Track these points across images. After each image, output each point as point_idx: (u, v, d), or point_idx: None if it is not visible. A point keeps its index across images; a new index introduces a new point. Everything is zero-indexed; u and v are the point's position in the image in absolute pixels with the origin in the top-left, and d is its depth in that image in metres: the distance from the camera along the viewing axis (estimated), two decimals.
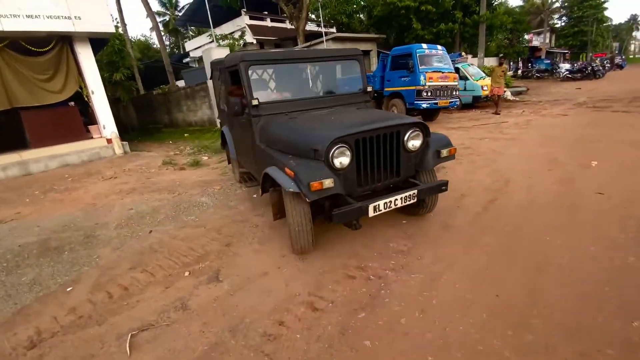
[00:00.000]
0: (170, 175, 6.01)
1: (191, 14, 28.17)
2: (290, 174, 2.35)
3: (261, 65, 3.46)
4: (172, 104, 12.96)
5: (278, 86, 3.82)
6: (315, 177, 2.24)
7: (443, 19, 14.62)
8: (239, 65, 3.13)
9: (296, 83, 3.84)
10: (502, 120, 8.73)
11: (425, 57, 8.61)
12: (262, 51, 4.05)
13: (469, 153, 5.71)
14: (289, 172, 2.38)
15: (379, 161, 2.58)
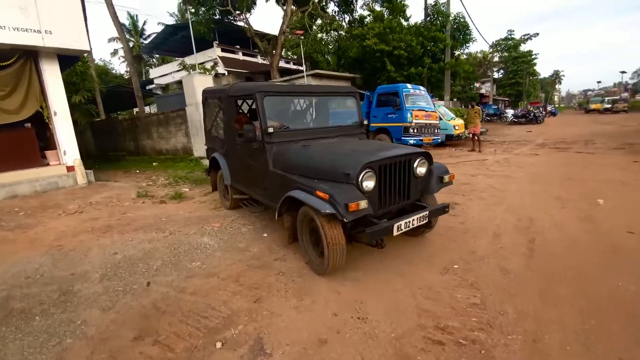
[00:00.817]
0: (151, 210, 5.22)
1: (159, 42, 27.52)
2: (325, 196, 2.45)
3: (274, 96, 3.55)
4: (140, 130, 11.97)
5: (288, 116, 3.97)
6: (351, 198, 2.40)
7: (413, 64, 15.65)
8: (255, 95, 3.31)
9: (303, 114, 4.13)
10: (482, 158, 9.12)
11: (410, 96, 8.92)
12: (272, 83, 4.60)
13: (471, 189, 5.70)
14: (322, 194, 2.48)
15: (394, 185, 2.84)
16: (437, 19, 15.70)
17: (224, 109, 4.21)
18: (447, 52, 15.42)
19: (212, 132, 4.84)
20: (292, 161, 3.13)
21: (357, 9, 20.45)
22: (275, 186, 3.27)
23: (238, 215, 4.62)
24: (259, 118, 3.32)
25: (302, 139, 3.47)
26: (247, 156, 3.78)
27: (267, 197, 3.53)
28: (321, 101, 4.14)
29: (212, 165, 4.97)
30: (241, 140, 3.76)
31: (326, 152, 3.11)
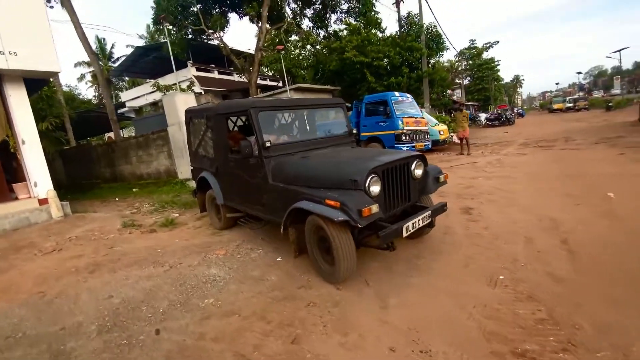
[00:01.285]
0: (142, 242, 4.71)
1: (129, 64, 26.74)
2: (335, 204, 2.49)
3: (268, 111, 3.62)
4: (117, 155, 11.26)
5: (281, 130, 4.03)
6: (363, 204, 2.44)
7: (392, 74, 15.89)
8: (250, 111, 3.34)
9: (294, 127, 4.20)
10: (473, 160, 9.16)
11: (399, 103, 8.91)
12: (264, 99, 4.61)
13: (477, 192, 5.58)
14: (332, 202, 2.51)
15: (396, 188, 2.92)
16: (412, 30, 16.13)
17: (212, 127, 4.17)
18: (424, 61, 15.80)
19: (199, 151, 4.72)
20: (293, 173, 3.13)
21: (331, 24, 20.81)
22: (276, 200, 3.26)
23: (242, 239, 4.22)
24: (255, 133, 3.32)
25: (298, 151, 3.50)
26: (242, 172, 3.74)
27: (268, 212, 3.49)
28: (311, 113, 4.21)
29: (200, 186, 4.83)
30: (236, 156, 3.78)
31: (328, 161, 3.19)
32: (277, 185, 3.21)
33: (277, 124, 4.11)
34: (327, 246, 2.73)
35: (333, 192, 2.62)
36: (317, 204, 2.65)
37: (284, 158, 3.36)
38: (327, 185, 2.78)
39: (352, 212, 2.39)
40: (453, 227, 3.99)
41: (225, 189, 4.21)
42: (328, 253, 2.77)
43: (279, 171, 3.26)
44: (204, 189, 4.77)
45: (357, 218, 2.39)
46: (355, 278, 2.85)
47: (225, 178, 4.13)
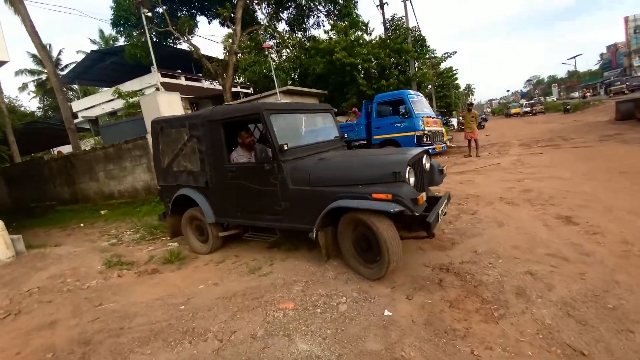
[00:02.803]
0: (146, 290, 3.30)
1: (82, 70, 23.95)
2: (386, 196, 2.60)
3: (278, 114, 3.50)
4: (78, 171, 9.31)
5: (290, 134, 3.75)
6: (414, 193, 2.65)
7: (381, 76, 15.32)
8: (263, 114, 3.25)
9: (301, 131, 4.02)
10: (494, 162, 8.57)
11: (415, 102, 8.12)
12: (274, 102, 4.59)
13: (548, 196, 4.78)
14: (382, 196, 2.62)
15: (417, 180, 3.00)
16: (398, 32, 15.73)
17: (201, 137, 3.78)
18: (412, 64, 15.42)
19: (173, 167, 4.21)
20: (321, 174, 3.11)
21: (309, 28, 20.01)
22: (301, 205, 3.15)
23: (297, 277, 3.02)
24: (270, 137, 3.22)
25: (306, 155, 3.47)
26: (248, 181, 3.49)
27: (288, 220, 3.29)
28: (310, 118, 4.18)
29: (175, 206, 4.29)
30: (239, 165, 3.65)
31: (357, 160, 3.28)
32: (302, 189, 3.11)
33: (285, 128, 3.72)
34: (366, 243, 2.81)
35: (376, 187, 2.71)
36: (361, 200, 2.70)
37: (298, 162, 3.31)
38: (365, 181, 2.82)
39: (407, 202, 2.53)
40: (584, 245, 3.08)
41: (217, 204, 3.83)
42: (368, 250, 2.83)
43: (300, 175, 3.17)
44: (179, 210, 4.28)
45: (412, 207, 2.54)
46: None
47: (220, 192, 3.77)
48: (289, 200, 3.19)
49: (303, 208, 3.10)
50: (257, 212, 3.51)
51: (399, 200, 2.51)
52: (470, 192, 5.70)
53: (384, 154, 3.44)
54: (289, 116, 3.80)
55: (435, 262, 3.06)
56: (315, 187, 3.03)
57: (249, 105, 3.74)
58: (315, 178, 3.07)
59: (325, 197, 2.90)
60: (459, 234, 3.72)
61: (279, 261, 3.52)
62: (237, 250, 4.13)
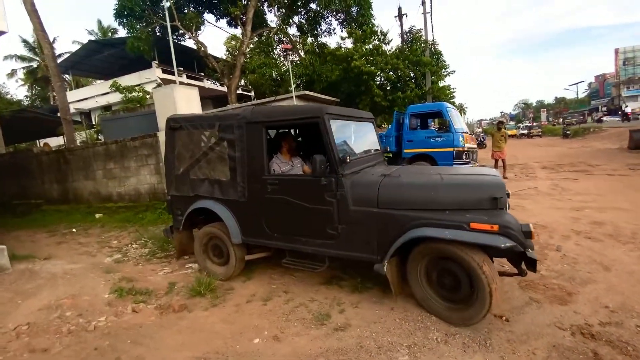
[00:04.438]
0: (180, 342, 2.49)
1: (78, 60, 22.80)
2: (490, 227, 2.17)
3: (337, 120, 3.06)
4: (72, 168, 8.30)
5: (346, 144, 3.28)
6: (523, 225, 2.22)
7: (397, 88, 14.85)
8: (324, 117, 2.77)
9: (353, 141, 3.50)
10: (530, 186, 8.02)
11: (454, 116, 7.54)
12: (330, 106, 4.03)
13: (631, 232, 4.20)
14: (482, 226, 2.19)
15: None
16: (417, 44, 15.34)
17: (236, 141, 3.23)
18: (428, 77, 15.01)
19: (191, 174, 3.60)
20: (394, 194, 2.60)
21: (320, 34, 19.52)
22: (362, 229, 2.67)
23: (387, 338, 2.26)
24: (329, 146, 2.76)
25: (360, 169, 3.05)
26: (295, 197, 2.95)
27: (340, 247, 2.78)
28: (358, 127, 3.63)
29: (188, 221, 3.70)
30: (284, 177, 3.18)
31: (437, 178, 2.70)
32: (367, 210, 2.63)
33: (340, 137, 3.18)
34: (452, 280, 2.38)
35: (472, 214, 2.28)
36: (455, 230, 2.25)
37: (356, 177, 2.85)
38: (452, 206, 2.39)
39: (519, 235, 2.15)
40: None
41: (248, 222, 3.25)
42: (454, 290, 2.39)
43: (360, 193, 2.71)
44: (191, 224, 3.79)
45: (527, 242, 2.19)
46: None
47: (255, 207, 3.19)
48: (348, 223, 2.70)
49: (367, 234, 2.63)
50: (303, 234, 2.96)
51: (509, 233, 2.12)
52: (530, 220, 5.05)
53: (467, 173, 2.93)
54: (344, 123, 3.29)
55: (568, 322, 2.36)
56: (385, 209, 2.57)
57: (306, 108, 3.37)
58: (386, 198, 2.59)
59: (401, 223, 2.46)
60: (565, 279, 3.04)
61: (349, 306, 2.75)
62: (281, 283, 3.35)
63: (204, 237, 3.57)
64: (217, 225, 3.47)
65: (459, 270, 2.31)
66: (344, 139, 3.28)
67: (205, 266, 3.63)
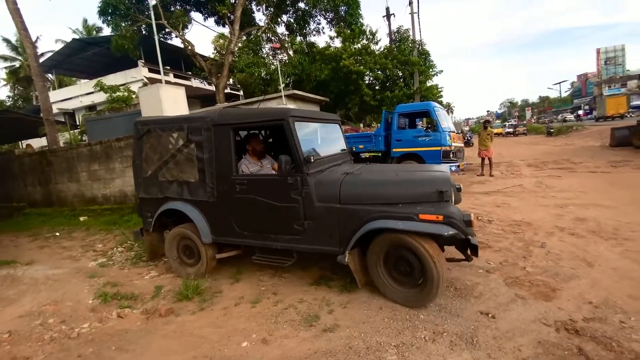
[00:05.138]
0: (167, 348, 2.46)
1: (62, 59, 22.22)
2: (436, 217, 2.39)
3: (302, 122, 3.20)
4: (55, 170, 8.08)
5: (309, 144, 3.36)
6: (464, 215, 2.49)
7: (386, 87, 14.94)
8: (288, 120, 2.91)
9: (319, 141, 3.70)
10: (515, 183, 8.17)
11: (442, 115, 7.62)
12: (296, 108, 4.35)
13: (612, 229, 4.31)
14: (429, 217, 2.41)
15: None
16: (405, 44, 15.45)
17: (204, 143, 3.30)
18: (416, 77, 15.15)
19: (160, 176, 3.67)
20: (355, 191, 2.80)
21: (309, 34, 19.48)
22: (325, 224, 2.85)
23: (375, 338, 2.27)
24: (294, 146, 2.90)
25: (326, 168, 3.22)
26: (263, 196, 3.07)
27: (307, 241, 2.95)
28: (324, 128, 3.85)
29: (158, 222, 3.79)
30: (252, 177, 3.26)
31: (392, 175, 2.95)
32: (330, 206, 2.81)
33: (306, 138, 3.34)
34: (406, 266, 2.61)
35: (422, 206, 2.52)
36: (406, 221, 2.49)
37: (321, 175, 3.02)
38: (405, 200, 2.61)
39: (460, 224, 2.37)
40: None
41: (218, 221, 3.35)
42: (408, 275, 2.63)
43: (324, 190, 2.87)
44: (162, 226, 3.86)
45: (468, 230, 2.41)
46: None
47: (224, 207, 3.29)
48: (313, 218, 2.87)
49: (330, 228, 2.80)
50: (272, 231, 3.11)
51: (452, 222, 2.36)
52: (516, 217, 5.16)
53: (420, 170, 3.19)
54: (309, 125, 3.45)
55: (552, 318, 2.40)
56: (346, 204, 2.75)
57: (271, 110, 3.40)
58: (347, 194, 2.77)
59: (360, 217, 2.66)
60: (549, 275, 3.10)
61: (338, 306, 2.75)
62: (270, 284, 3.32)
63: (175, 238, 3.63)
64: (187, 225, 3.54)
65: (412, 257, 2.53)
66: (310, 139, 3.43)
67: (177, 267, 3.69)
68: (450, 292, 2.85)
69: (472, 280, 3.04)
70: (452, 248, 2.99)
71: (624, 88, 54.03)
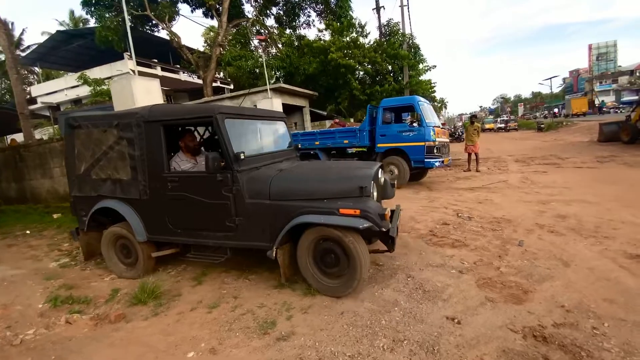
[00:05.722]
0: (110, 358, 2.25)
1: (46, 51, 21.59)
2: (354, 212, 2.53)
3: (232, 119, 3.11)
4: (28, 165, 7.79)
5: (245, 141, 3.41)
6: (381, 209, 2.66)
7: (375, 82, 14.73)
8: (216, 117, 2.91)
9: (257, 138, 3.74)
10: (501, 179, 8.08)
11: (426, 110, 7.46)
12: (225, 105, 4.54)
13: (594, 227, 4.21)
14: (348, 211, 2.55)
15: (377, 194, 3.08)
16: (395, 37, 15.21)
17: (135, 140, 3.25)
18: (406, 71, 14.96)
19: (93, 174, 3.55)
20: (283, 187, 2.86)
21: (299, 26, 19.15)
22: (257, 220, 2.88)
23: (330, 347, 2.11)
24: (224, 144, 2.89)
25: (262, 165, 3.22)
26: (195, 193, 3.08)
27: (240, 238, 2.98)
28: (265, 126, 3.88)
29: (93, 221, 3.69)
30: (184, 174, 3.21)
31: (320, 172, 3.13)
32: (260, 202, 2.87)
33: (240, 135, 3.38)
34: (332, 258, 2.71)
35: (343, 202, 2.64)
36: (328, 215, 2.61)
37: (255, 172, 3.05)
38: (330, 196, 2.72)
39: (375, 217, 2.52)
40: None
41: (152, 219, 3.32)
42: (334, 266, 2.72)
43: (255, 187, 2.92)
44: (97, 225, 3.73)
45: (381, 223, 2.55)
46: None
47: (157, 205, 3.26)
48: (245, 215, 2.91)
49: (261, 224, 2.87)
50: (204, 228, 3.12)
51: (367, 216, 2.51)
52: (497, 214, 5.05)
53: (347, 167, 3.28)
54: (245, 122, 3.47)
55: (520, 324, 2.27)
56: (275, 200, 2.82)
57: (201, 107, 3.36)
58: (276, 191, 2.85)
59: (288, 212, 2.75)
60: (523, 275, 2.97)
61: (298, 311, 2.59)
62: (233, 287, 3.15)
63: (111, 237, 3.56)
64: (123, 224, 3.47)
65: (338, 250, 2.66)
66: (248, 137, 3.48)
67: (114, 268, 3.63)
68: (418, 295, 2.71)
69: (442, 282, 2.90)
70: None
71: (615, 84, 54.45)
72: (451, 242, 3.91)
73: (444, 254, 3.58)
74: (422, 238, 4.13)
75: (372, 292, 2.78)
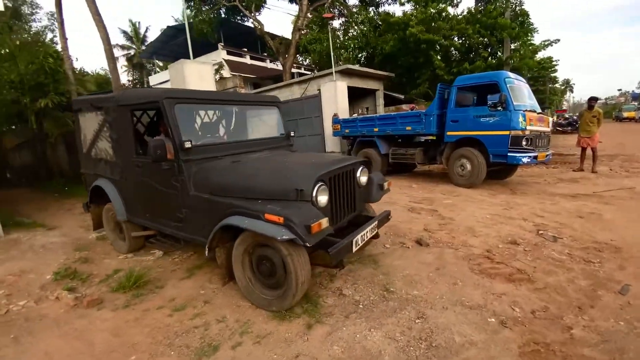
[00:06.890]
0: (55, 347, 2.12)
1: (159, 46, 25.09)
2: (278, 219, 2.10)
3: (186, 104, 2.92)
4: None
5: (203, 128, 3.50)
6: (312, 218, 2.11)
7: (464, 58, 12.61)
8: (162, 102, 2.68)
9: (222, 126, 3.68)
10: (627, 185, 5.88)
11: (516, 89, 5.80)
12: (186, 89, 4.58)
13: None
14: (273, 217, 2.13)
15: (342, 198, 2.68)
16: (495, 3, 12.67)
17: (112, 123, 3.29)
18: (507, 44, 12.37)
19: (93, 153, 3.77)
20: (222, 181, 2.59)
21: (383, 2, 17.71)
22: (199, 214, 2.69)
23: None
24: (170, 131, 2.68)
25: (226, 155, 2.96)
26: (153, 180, 2.98)
27: (187, 230, 2.84)
28: (241, 111, 3.61)
29: (95, 197, 3.82)
30: (144, 159, 3.05)
31: (266, 167, 2.78)
32: (201, 196, 2.63)
33: (199, 122, 3.43)
34: (268, 267, 2.33)
35: (274, 204, 2.21)
36: (253, 219, 2.22)
37: (208, 163, 2.80)
38: (266, 196, 2.35)
39: (298, 229, 2.03)
40: None
41: (130, 201, 3.38)
42: (270, 276, 2.36)
43: (202, 179, 2.68)
44: (101, 200, 3.77)
45: (304, 236, 2.03)
46: None
47: (132, 187, 3.29)
48: (189, 207, 2.76)
49: (202, 218, 2.65)
50: (162, 216, 3.08)
51: (290, 225, 2.04)
52: (600, 236, 3.52)
53: (300, 163, 2.82)
54: (206, 108, 3.35)
55: None
56: (214, 195, 2.57)
57: (152, 92, 3.16)
58: (216, 185, 2.60)
59: (221, 210, 2.46)
60: (608, 351, 1.81)
61: (252, 339, 2.05)
62: (213, 289, 2.78)
63: (106, 212, 3.83)
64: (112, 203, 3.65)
65: (274, 257, 2.27)
66: (207, 124, 3.33)
67: (114, 239, 3.86)
68: (418, 351, 1.86)
69: (465, 336, 1.96)
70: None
71: None
72: (509, 273, 2.77)
73: (490, 289, 2.53)
74: (470, 260, 3.06)
75: (353, 332, 2.04)
